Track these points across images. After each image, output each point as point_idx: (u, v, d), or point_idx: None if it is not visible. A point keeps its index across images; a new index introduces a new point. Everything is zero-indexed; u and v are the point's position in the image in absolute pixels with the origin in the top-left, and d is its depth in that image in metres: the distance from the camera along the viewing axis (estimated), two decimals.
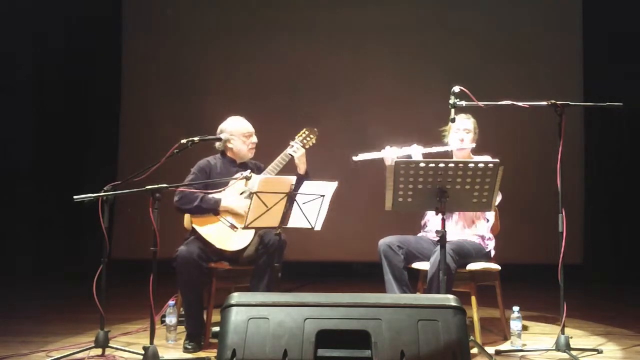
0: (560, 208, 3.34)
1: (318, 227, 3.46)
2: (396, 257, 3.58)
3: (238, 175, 3.76)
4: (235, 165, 3.89)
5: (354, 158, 3.64)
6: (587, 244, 6.48)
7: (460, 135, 3.77)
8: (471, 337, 3.11)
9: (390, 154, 3.66)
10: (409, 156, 3.65)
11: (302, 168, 3.84)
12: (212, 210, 3.69)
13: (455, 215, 3.78)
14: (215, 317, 3.00)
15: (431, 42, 6.75)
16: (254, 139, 3.92)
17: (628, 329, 4.04)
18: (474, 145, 3.77)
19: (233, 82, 6.83)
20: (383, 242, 3.64)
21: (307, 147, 3.88)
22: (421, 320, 2.45)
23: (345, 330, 2.44)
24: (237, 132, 3.88)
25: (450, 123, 3.75)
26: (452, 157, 3.81)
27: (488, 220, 3.80)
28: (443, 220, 3.20)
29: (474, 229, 3.77)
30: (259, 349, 2.39)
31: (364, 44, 6.76)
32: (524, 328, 3.91)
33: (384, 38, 6.77)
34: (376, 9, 6.80)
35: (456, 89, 3.33)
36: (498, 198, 3.71)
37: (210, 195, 3.67)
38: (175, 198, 3.67)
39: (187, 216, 3.80)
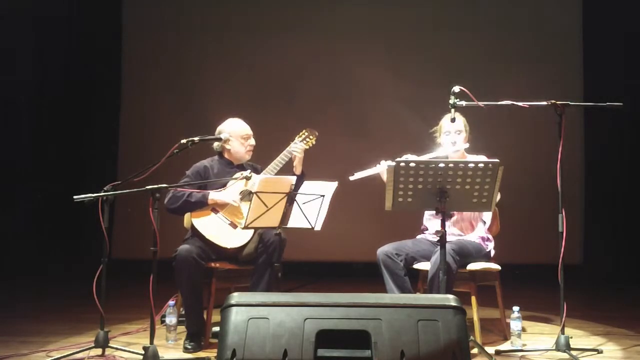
0: (560, 208, 3.34)
1: (318, 227, 3.46)
2: (396, 265, 3.57)
3: (238, 175, 3.76)
4: (232, 167, 3.89)
5: (351, 178, 3.59)
6: (587, 244, 6.49)
7: (452, 138, 3.73)
8: (471, 337, 3.11)
9: (386, 169, 3.62)
10: None
11: (298, 169, 3.83)
12: (201, 204, 3.67)
13: (454, 219, 3.77)
14: (215, 317, 3.00)
15: (431, 43, 6.75)
16: (252, 142, 3.91)
17: (628, 329, 4.04)
18: (467, 145, 3.76)
19: (233, 82, 6.83)
20: (381, 251, 3.62)
21: (307, 147, 3.88)
22: (421, 320, 2.45)
23: (345, 330, 2.44)
24: (235, 134, 3.87)
25: (441, 123, 3.77)
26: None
27: (485, 223, 3.80)
28: (443, 221, 3.20)
29: (472, 232, 3.77)
30: (259, 349, 2.39)
31: (364, 44, 6.76)
32: (524, 328, 3.91)
33: (383, 38, 6.77)
34: (376, 9, 6.81)
35: (456, 89, 3.32)
36: (497, 197, 3.71)
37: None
38: (165, 200, 3.64)
39: (187, 215, 3.81)
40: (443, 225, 3.19)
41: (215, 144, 3.90)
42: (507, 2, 6.80)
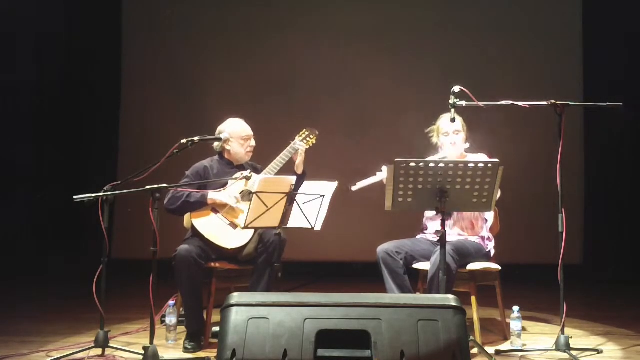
0: (560, 208, 3.34)
1: (318, 227, 3.46)
2: (395, 263, 3.57)
3: (238, 175, 3.76)
4: (232, 167, 3.89)
5: (352, 188, 3.59)
6: (587, 244, 6.49)
7: (452, 139, 3.72)
8: (471, 337, 3.11)
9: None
10: None
11: (300, 168, 3.83)
12: (200, 204, 3.67)
13: (454, 219, 3.77)
14: (215, 317, 3.00)
15: (431, 42, 6.75)
16: (252, 143, 3.90)
17: (628, 329, 4.04)
18: (467, 145, 3.76)
19: (233, 81, 6.83)
20: (381, 249, 3.62)
21: (307, 147, 3.88)
22: (421, 320, 2.45)
23: (345, 330, 2.44)
24: (235, 134, 3.86)
25: (438, 124, 3.77)
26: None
27: (487, 221, 3.79)
28: (443, 220, 3.20)
29: (473, 231, 3.76)
30: (259, 349, 2.39)
31: (364, 44, 6.75)
32: (524, 328, 3.91)
33: (383, 38, 6.77)
34: (376, 8, 6.80)
35: (456, 88, 3.32)
36: (497, 194, 3.70)
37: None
38: (164, 201, 3.63)
39: (187, 215, 3.80)
40: (443, 225, 3.19)
41: (216, 144, 3.90)
42: (507, 2, 6.79)
